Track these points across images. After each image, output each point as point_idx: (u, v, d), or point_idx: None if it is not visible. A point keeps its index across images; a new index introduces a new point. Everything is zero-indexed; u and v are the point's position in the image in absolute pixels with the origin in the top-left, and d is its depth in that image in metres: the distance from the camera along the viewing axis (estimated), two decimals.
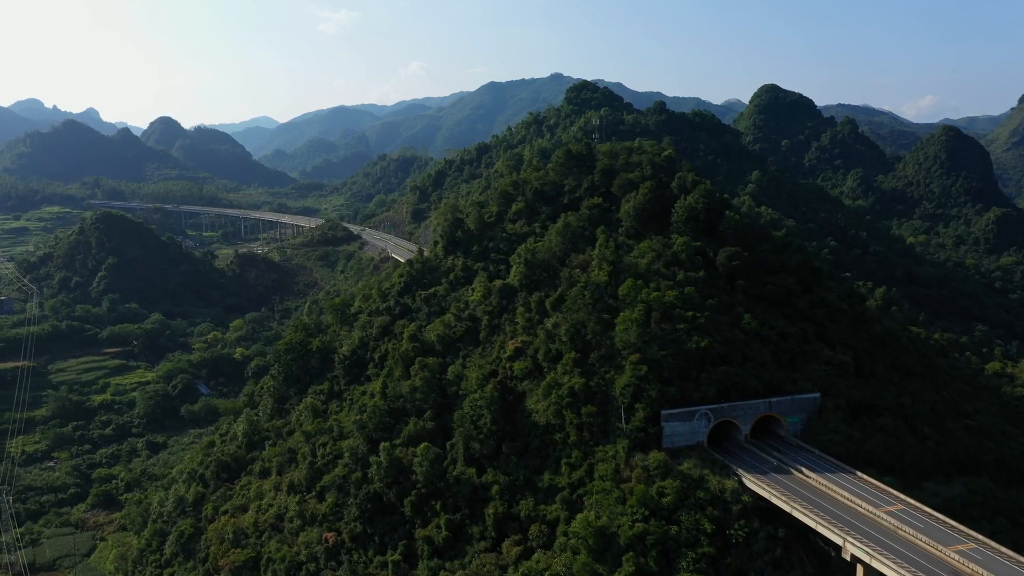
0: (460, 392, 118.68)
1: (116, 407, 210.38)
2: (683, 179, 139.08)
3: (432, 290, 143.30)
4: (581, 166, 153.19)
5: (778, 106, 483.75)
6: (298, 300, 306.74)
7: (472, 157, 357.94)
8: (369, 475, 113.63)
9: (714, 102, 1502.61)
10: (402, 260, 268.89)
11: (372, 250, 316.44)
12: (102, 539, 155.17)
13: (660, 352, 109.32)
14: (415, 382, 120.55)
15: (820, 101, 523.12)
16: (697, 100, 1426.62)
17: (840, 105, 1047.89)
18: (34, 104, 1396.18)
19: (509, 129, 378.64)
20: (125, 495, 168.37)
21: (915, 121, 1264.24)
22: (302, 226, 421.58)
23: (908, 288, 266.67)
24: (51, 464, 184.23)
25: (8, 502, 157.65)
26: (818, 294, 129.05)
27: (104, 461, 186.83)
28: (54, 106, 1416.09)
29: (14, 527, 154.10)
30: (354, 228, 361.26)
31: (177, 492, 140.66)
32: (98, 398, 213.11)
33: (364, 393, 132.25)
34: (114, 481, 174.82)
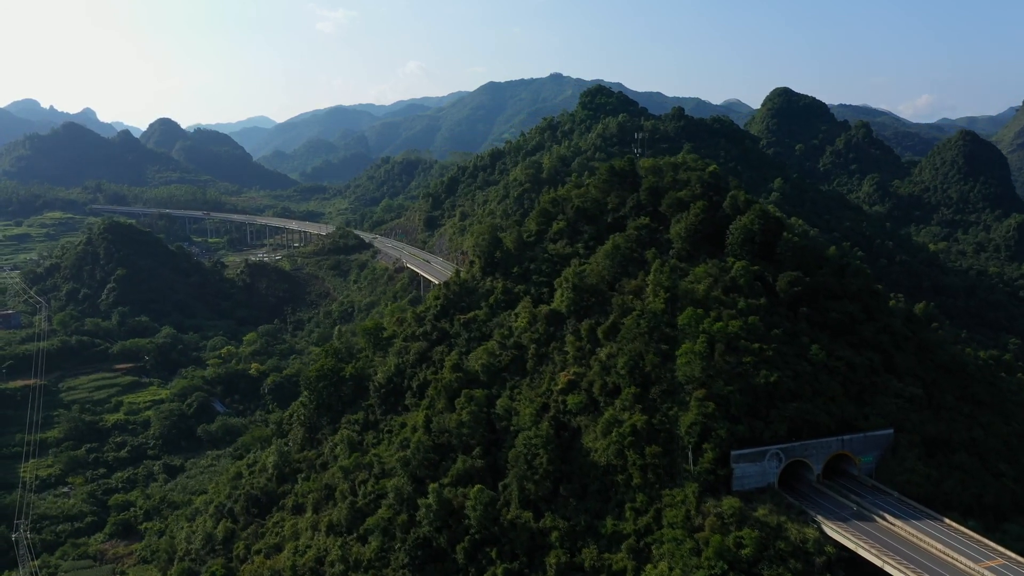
0: (511, 428, 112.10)
1: (130, 427, 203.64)
2: (735, 198, 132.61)
3: (471, 314, 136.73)
4: (624, 183, 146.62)
5: (791, 110, 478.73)
6: (310, 311, 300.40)
7: (486, 163, 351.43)
8: (417, 518, 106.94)
9: (713, 102, 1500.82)
10: (421, 272, 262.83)
11: (386, 259, 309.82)
12: (122, 572, 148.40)
13: (727, 388, 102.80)
14: (462, 416, 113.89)
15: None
16: (697, 100, 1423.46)
17: (841, 106, 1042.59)
18: (30, 104, 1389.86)
19: (523, 135, 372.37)
20: (145, 524, 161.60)
21: (913, 120, 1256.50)
22: (310, 232, 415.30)
23: (936, 299, 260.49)
24: (66, 490, 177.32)
25: (25, 534, 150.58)
26: (882, 320, 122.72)
27: (120, 486, 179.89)
28: (51, 107, 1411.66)
29: (31, 560, 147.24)
30: (365, 236, 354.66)
31: (205, 527, 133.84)
32: (111, 418, 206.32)
33: (404, 426, 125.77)
34: (132, 509, 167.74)
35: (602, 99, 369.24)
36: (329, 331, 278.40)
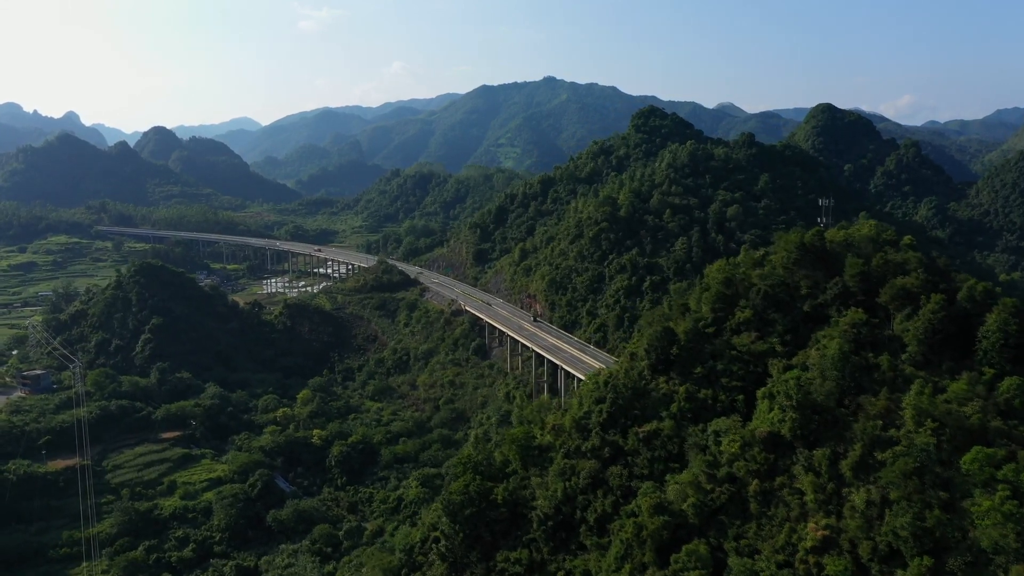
0: None
1: (191, 516, 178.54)
2: (973, 290, 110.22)
3: (652, 426, 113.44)
4: (814, 261, 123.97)
5: (835, 127, 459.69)
6: (359, 357, 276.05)
7: (536, 191, 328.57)
8: None
9: (707, 106, 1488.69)
10: (500, 326, 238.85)
11: (438, 300, 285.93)
12: None
13: None
14: None
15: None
16: (694, 105, 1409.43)
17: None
18: (13, 109, 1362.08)
19: (571, 159, 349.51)
20: None
21: (901, 123, 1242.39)
22: (339, 261, 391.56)
23: None
24: None
25: None
26: None
27: None
28: (35, 111, 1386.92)
29: None
30: (410, 270, 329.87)
31: None
32: (167, 504, 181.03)
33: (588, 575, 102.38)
34: None
35: (656, 121, 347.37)
36: (384, 382, 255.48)
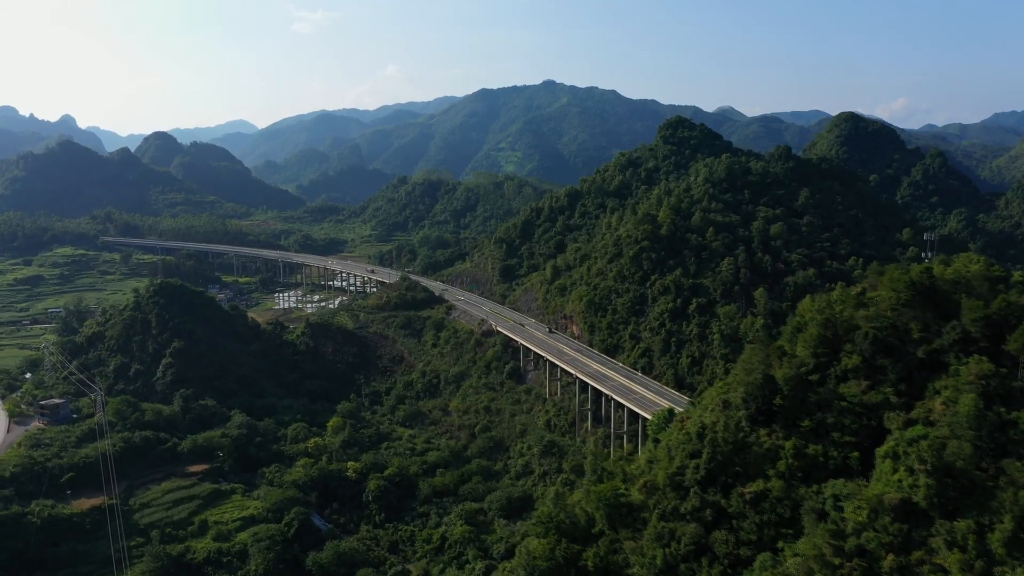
0: None
1: (225, 560, 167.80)
2: None
3: (758, 486, 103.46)
4: (924, 301, 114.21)
5: (859, 136, 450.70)
6: (386, 380, 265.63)
7: (563, 204, 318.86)
8: None
9: (707, 109, 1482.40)
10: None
11: (466, 319, 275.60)
12: None
13: None
14: None
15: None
16: (695, 109, 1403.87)
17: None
18: (10, 112, 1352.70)
19: (598, 171, 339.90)
20: None
21: (900, 127, 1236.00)
22: (357, 274, 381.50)
23: None
24: None
25: None
26: None
27: None
28: (31, 114, 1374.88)
29: None
30: (434, 286, 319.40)
31: None
32: (200, 546, 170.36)
33: None
34: None
35: (684, 132, 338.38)
36: (415, 406, 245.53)
